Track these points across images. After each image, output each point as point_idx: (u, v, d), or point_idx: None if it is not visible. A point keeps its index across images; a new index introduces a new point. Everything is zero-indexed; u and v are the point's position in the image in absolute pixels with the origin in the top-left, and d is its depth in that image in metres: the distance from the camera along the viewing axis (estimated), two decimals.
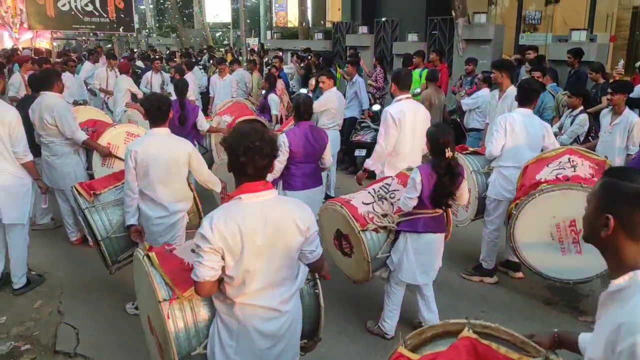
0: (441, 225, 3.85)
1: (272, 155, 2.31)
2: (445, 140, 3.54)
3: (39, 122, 5.29)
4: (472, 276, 5.05)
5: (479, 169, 4.99)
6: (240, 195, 2.29)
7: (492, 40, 10.29)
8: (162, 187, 3.92)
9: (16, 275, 4.75)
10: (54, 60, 12.22)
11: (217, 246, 2.20)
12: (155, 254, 2.67)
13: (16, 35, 20.88)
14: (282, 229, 2.31)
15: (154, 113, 3.95)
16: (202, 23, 22.74)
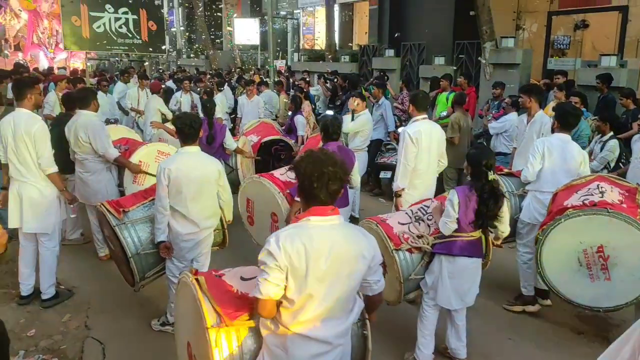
0: (478, 249, 3.76)
1: (344, 180, 2.30)
2: (488, 162, 3.54)
3: (74, 140, 5.44)
4: (513, 306, 4.90)
5: (513, 190, 4.94)
6: (309, 217, 2.28)
7: (519, 64, 10.25)
8: (193, 204, 3.99)
9: (44, 285, 4.85)
10: (88, 80, 12.56)
11: (282, 263, 2.18)
12: (205, 279, 2.62)
13: (51, 55, 21.57)
14: (347, 255, 2.27)
15: (185, 132, 4.01)
16: (231, 45, 23.15)
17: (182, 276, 2.81)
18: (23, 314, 4.68)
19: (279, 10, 22.57)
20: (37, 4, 21.50)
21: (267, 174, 5.26)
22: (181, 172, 3.90)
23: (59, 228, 4.96)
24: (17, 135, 4.49)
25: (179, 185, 3.91)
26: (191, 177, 3.93)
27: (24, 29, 21.94)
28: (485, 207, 3.56)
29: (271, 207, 5.00)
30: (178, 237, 4.06)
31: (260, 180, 5.13)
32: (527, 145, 5.98)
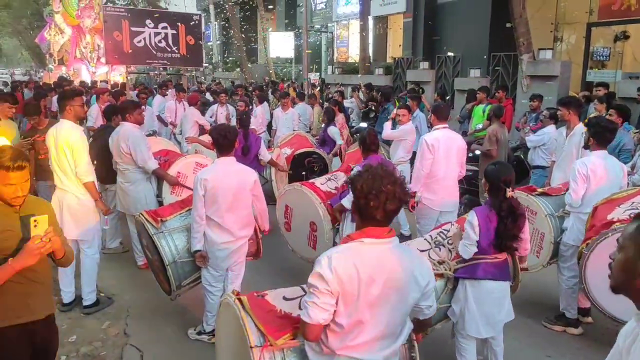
0: (504, 272, 3.52)
1: (403, 200, 2.16)
2: (507, 178, 3.35)
3: (116, 150, 5.60)
4: (554, 325, 4.73)
5: (553, 212, 4.68)
6: (362, 239, 2.16)
7: (558, 76, 10.09)
8: (229, 214, 4.05)
9: (85, 291, 4.98)
10: (128, 92, 12.91)
11: (334, 288, 2.08)
12: (247, 299, 2.58)
13: (93, 69, 22.26)
14: (400, 281, 2.17)
15: (220, 142, 4.10)
16: (265, 59, 23.47)
17: (224, 298, 2.77)
18: (65, 320, 4.79)
19: (314, 24, 22.80)
20: (81, 19, 22.26)
21: (309, 183, 5.30)
22: (217, 182, 3.97)
23: (98, 236, 5.09)
24: (58, 146, 4.66)
25: (214, 195, 3.97)
26: (226, 187, 4.00)
27: (67, 44, 22.75)
28: (504, 225, 3.35)
29: (311, 216, 5.04)
30: (213, 246, 4.11)
31: (302, 189, 5.15)
32: (566, 159, 5.89)
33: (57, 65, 23.07)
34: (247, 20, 28.67)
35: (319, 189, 5.13)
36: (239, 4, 27.91)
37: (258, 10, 25.22)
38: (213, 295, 4.29)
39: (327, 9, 22.61)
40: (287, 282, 5.41)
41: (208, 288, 4.28)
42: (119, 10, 12.97)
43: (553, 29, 13.85)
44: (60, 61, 23.13)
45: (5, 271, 2.46)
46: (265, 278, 5.46)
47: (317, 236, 5.06)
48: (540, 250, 4.69)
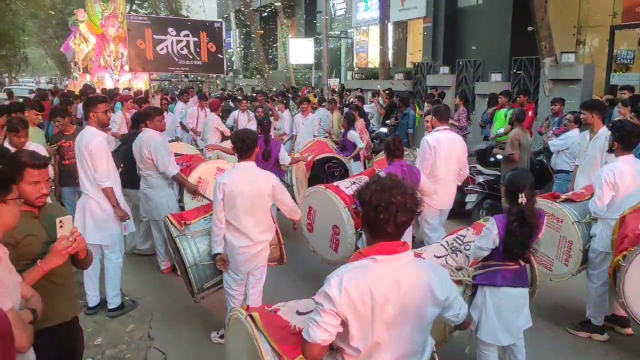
0: (523, 279, 3.51)
1: (414, 211, 2.05)
2: (522, 185, 3.30)
3: (139, 156, 5.68)
4: (579, 331, 4.65)
5: (580, 219, 4.58)
6: (375, 256, 2.03)
7: (581, 80, 9.97)
8: (247, 218, 4.07)
9: (109, 295, 5.06)
10: (151, 99, 13.11)
11: (340, 311, 1.96)
12: (259, 315, 2.47)
13: (116, 76, 22.63)
14: (417, 298, 2.05)
15: (238, 146, 4.14)
16: (286, 65, 23.62)
17: (233, 313, 2.65)
18: (90, 323, 4.88)
19: (333, 30, 22.88)
20: (104, 28, 22.67)
21: (333, 186, 5.29)
22: (235, 187, 4.01)
23: (120, 240, 5.15)
24: (81, 151, 4.77)
25: (233, 199, 4.01)
26: (244, 191, 4.02)
27: (91, 53, 23.16)
28: (511, 232, 3.31)
29: (334, 219, 5.06)
30: (233, 249, 4.15)
31: (326, 192, 5.17)
32: (590, 163, 5.82)
33: (81, 74, 23.49)
34: (267, 27, 28.90)
35: (343, 192, 5.12)
36: (259, 11, 28.18)
37: (278, 17, 25.41)
38: (234, 299, 4.32)
39: (346, 15, 22.68)
40: (309, 287, 5.41)
41: (229, 291, 4.31)
42: (142, 18, 13.24)
43: (575, 33, 13.69)
44: (85, 69, 23.56)
45: (35, 273, 2.51)
46: (286, 283, 5.49)
47: (339, 239, 5.07)
48: (569, 259, 4.58)
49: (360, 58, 22.74)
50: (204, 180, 5.98)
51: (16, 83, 38.58)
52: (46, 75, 61.42)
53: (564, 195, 4.96)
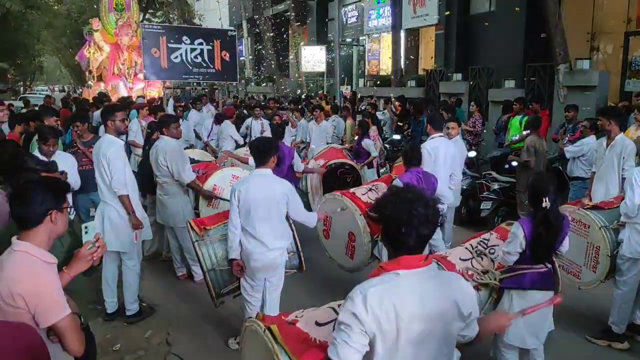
0: (550, 281, 3.58)
1: (435, 223, 2.00)
2: (546, 189, 3.41)
3: (155, 163, 5.74)
4: (599, 339, 4.62)
5: (607, 225, 4.55)
6: (397, 271, 1.97)
7: (596, 86, 9.91)
8: (261, 224, 4.11)
9: (127, 301, 5.11)
10: (165, 107, 13.22)
11: (368, 328, 1.88)
12: (277, 327, 2.39)
13: (130, 85, 22.82)
14: (442, 312, 1.98)
15: (257, 154, 4.22)
16: (299, 72, 23.69)
17: (250, 324, 2.56)
18: (109, 329, 4.93)
19: (345, 38, 22.95)
20: (118, 37, 22.86)
21: (349, 193, 5.31)
22: (250, 194, 4.07)
23: (138, 247, 5.20)
24: (99, 159, 4.84)
25: (247, 206, 4.07)
26: (258, 198, 4.07)
27: (106, 61, 23.33)
28: (537, 235, 3.40)
29: (350, 227, 5.10)
30: (249, 256, 4.18)
31: (342, 199, 5.19)
32: (607, 170, 5.79)
33: (95, 82, 23.70)
34: (279, 34, 29.05)
35: (359, 199, 5.14)
36: (271, 19, 28.34)
37: (290, 25, 25.54)
38: (252, 305, 4.34)
39: (358, 23, 22.73)
40: (325, 295, 5.44)
41: (247, 298, 4.34)
42: (157, 27, 13.40)
43: (589, 39, 13.62)
44: (99, 78, 23.75)
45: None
46: (302, 291, 5.49)
47: (355, 247, 5.09)
48: (597, 265, 4.54)
49: (372, 65, 22.75)
50: (220, 187, 6.03)
51: (30, 91, 39.04)
52: (60, 84, 62.08)
53: (590, 203, 4.94)
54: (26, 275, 2.26)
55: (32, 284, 2.24)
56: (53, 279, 2.34)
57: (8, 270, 2.25)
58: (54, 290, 2.31)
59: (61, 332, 2.31)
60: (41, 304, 2.24)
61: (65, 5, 34.37)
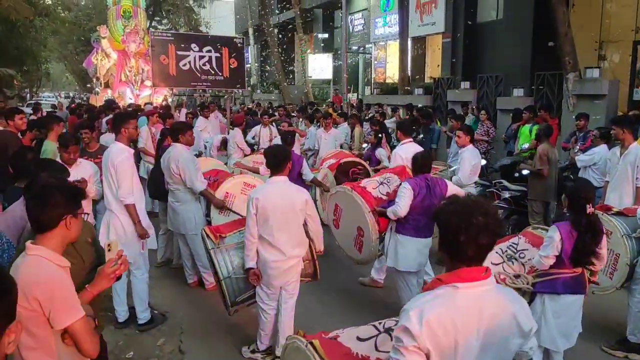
0: (582, 285, 3.68)
1: (497, 233, 1.92)
2: (588, 195, 3.56)
3: (167, 171, 5.73)
4: (615, 350, 4.57)
5: (630, 233, 4.52)
6: (456, 284, 1.88)
7: (606, 95, 9.89)
8: (279, 233, 4.10)
9: (138, 311, 5.09)
10: (175, 114, 13.26)
11: (423, 345, 1.81)
12: (319, 343, 2.39)
13: (137, 91, 22.95)
14: (501, 328, 1.91)
15: (273, 162, 4.21)
16: (305, 80, 23.75)
17: (291, 341, 2.57)
18: (121, 337, 4.91)
19: (351, 46, 23.02)
20: (126, 44, 23.03)
21: (360, 188, 5.29)
22: (268, 202, 4.05)
23: (145, 257, 5.16)
24: (107, 167, 4.81)
25: (265, 214, 4.05)
26: (277, 206, 4.06)
27: (113, 68, 23.50)
28: (583, 241, 3.51)
29: (359, 222, 5.13)
30: (265, 264, 4.17)
31: (352, 194, 5.18)
32: (621, 179, 5.78)
33: (103, 89, 23.84)
34: (285, 42, 29.16)
35: (370, 194, 5.17)
36: (278, 27, 28.46)
37: (296, 33, 25.63)
38: (267, 314, 4.33)
39: (364, 31, 22.81)
40: (338, 304, 5.44)
41: (262, 306, 4.33)
42: (166, 35, 13.41)
43: (597, 48, 13.60)
44: (106, 84, 23.89)
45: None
46: (315, 299, 5.46)
47: (363, 241, 5.15)
48: (614, 272, 4.53)
49: (379, 73, 22.81)
50: (231, 194, 5.98)
51: (37, 98, 39.26)
52: (65, 90, 62.39)
53: (615, 208, 4.91)
54: (40, 278, 2.27)
55: (46, 287, 2.26)
56: (67, 282, 2.36)
57: (22, 273, 2.26)
58: (67, 293, 2.32)
59: (75, 334, 2.32)
60: (55, 306, 2.26)
61: (73, 12, 34.57)
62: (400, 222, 4.83)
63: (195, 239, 5.75)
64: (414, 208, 4.70)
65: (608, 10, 13.33)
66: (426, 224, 4.82)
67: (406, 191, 4.69)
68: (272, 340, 4.41)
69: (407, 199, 4.67)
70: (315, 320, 4.95)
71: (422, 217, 4.75)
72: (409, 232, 4.82)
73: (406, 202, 4.67)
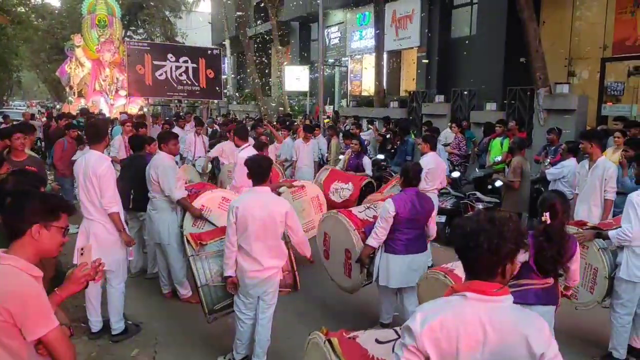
0: (553, 296, 3.66)
1: (516, 249, 1.87)
2: (547, 205, 3.61)
3: (148, 178, 5.76)
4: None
5: (606, 246, 4.56)
6: (465, 293, 1.87)
7: (575, 110, 10.18)
8: (257, 242, 4.10)
9: (112, 321, 5.02)
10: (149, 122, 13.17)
11: (422, 347, 1.81)
12: (338, 341, 2.45)
13: (111, 101, 22.73)
14: (507, 348, 1.82)
15: (257, 171, 4.22)
16: (282, 92, 23.81)
17: (312, 336, 2.62)
18: (94, 348, 4.84)
19: (327, 59, 23.20)
20: (100, 53, 22.85)
21: (346, 210, 5.34)
22: (247, 211, 4.05)
23: (124, 266, 5.11)
24: (87, 176, 4.73)
25: (244, 224, 4.05)
26: (256, 216, 4.06)
27: (87, 77, 23.26)
28: (540, 248, 3.53)
29: (345, 243, 5.07)
30: (243, 273, 4.17)
31: (337, 215, 5.20)
32: (590, 191, 5.93)
33: (76, 98, 23.54)
34: (261, 54, 29.24)
35: (355, 216, 5.15)
36: (255, 39, 28.52)
37: (273, 45, 25.73)
38: (243, 323, 4.32)
39: (341, 44, 23.03)
40: (317, 318, 5.43)
41: (239, 315, 4.32)
42: (142, 44, 13.39)
43: (567, 64, 14.00)
44: (80, 93, 23.61)
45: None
46: (295, 313, 5.46)
47: (352, 264, 5.05)
48: (594, 286, 4.54)
49: (354, 86, 23.03)
50: (207, 208, 5.87)
51: (8, 107, 38.44)
52: (37, 99, 61.28)
53: (590, 223, 4.96)
54: (12, 288, 2.22)
55: (18, 297, 2.21)
56: (39, 291, 2.29)
57: None
58: (41, 302, 2.27)
59: (50, 343, 2.26)
60: (28, 316, 2.20)
61: (46, 20, 34.11)
62: (389, 240, 4.78)
63: (169, 249, 5.74)
64: (400, 223, 4.69)
65: (577, 28, 13.75)
66: (415, 238, 4.82)
67: (386, 214, 4.66)
68: (249, 349, 4.39)
69: (385, 223, 4.66)
70: (293, 331, 4.95)
71: (411, 230, 4.78)
72: (399, 249, 4.77)
73: (384, 227, 4.67)
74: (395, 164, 10.57)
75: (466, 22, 16.11)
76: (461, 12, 16.44)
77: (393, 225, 4.68)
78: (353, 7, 21.02)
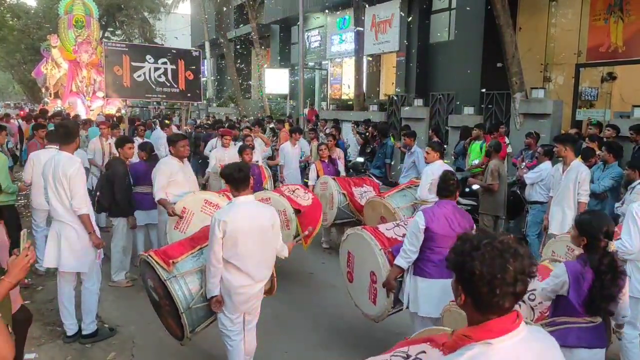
0: (601, 338, 3.09)
1: (532, 276, 1.62)
2: (607, 230, 3.02)
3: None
4: None
5: None
6: (489, 340, 1.59)
7: (550, 114, 10.37)
8: (250, 257, 3.82)
9: (85, 322, 4.96)
10: (125, 126, 13.07)
11: None
12: None
13: (88, 102, 22.42)
14: None
15: (236, 178, 3.86)
16: (263, 95, 23.76)
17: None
18: (69, 351, 4.76)
19: (308, 62, 23.24)
20: (77, 54, 22.53)
21: (371, 228, 4.78)
22: (238, 225, 3.72)
23: (97, 268, 5.05)
24: (57, 177, 4.64)
25: (235, 239, 3.72)
26: (248, 230, 3.76)
27: (63, 78, 22.89)
28: (601, 284, 2.94)
29: (370, 264, 4.49)
30: (231, 290, 3.85)
31: (362, 233, 4.62)
32: (563, 194, 6.05)
33: (52, 99, 23.16)
34: (241, 56, 29.16)
35: (382, 234, 4.59)
36: (235, 41, 28.44)
37: (253, 47, 25.67)
38: (232, 340, 4.00)
39: (321, 47, 23.09)
40: (297, 318, 5.42)
41: (226, 332, 3.99)
42: (120, 45, 13.21)
43: (543, 69, 14.26)
44: (56, 95, 23.23)
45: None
46: (274, 313, 5.41)
47: (377, 288, 4.43)
48: None
49: (334, 89, 23.09)
50: (189, 210, 5.80)
51: None
52: (11, 100, 60.16)
53: None
54: None
55: None
56: None
57: None
58: None
59: None
60: None
61: (22, 20, 33.50)
62: (418, 260, 4.14)
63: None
64: (432, 241, 4.06)
65: (553, 34, 14.02)
66: None
67: (415, 228, 4.07)
68: None
69: (415, 239, 4.07)
70: (270, 334, 4.94)
71: (445, 250, 3.91)
72: (429, 271, 4.10)
73: (414, 244, 4.08)
74: (374, 167, 10.63)
75: (444, 27, 16.30)
76: (440, 17, 16.63)
77: (423, 243, 4.06)
78: (333, 11, 21.11)
